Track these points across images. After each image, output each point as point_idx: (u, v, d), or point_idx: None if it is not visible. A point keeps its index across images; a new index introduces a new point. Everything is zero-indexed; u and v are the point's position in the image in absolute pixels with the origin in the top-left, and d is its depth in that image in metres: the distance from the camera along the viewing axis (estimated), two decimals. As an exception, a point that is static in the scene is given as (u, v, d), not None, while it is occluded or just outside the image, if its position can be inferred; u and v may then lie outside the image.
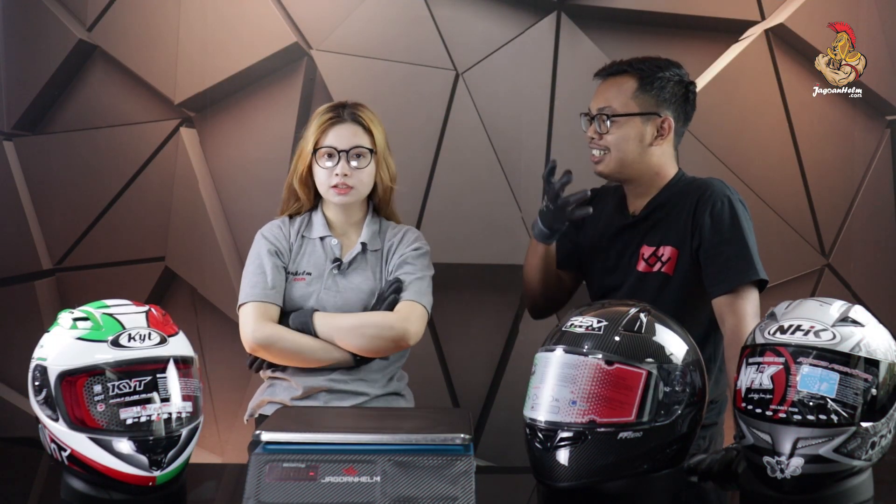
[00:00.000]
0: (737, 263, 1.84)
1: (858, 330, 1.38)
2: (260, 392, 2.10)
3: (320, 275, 2.04)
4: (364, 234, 2.08)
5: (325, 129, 2.04)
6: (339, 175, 2.01)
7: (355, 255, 2.06)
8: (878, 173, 3.22)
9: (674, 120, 1.96)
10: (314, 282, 2.03)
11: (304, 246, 2.08)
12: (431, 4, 3.03)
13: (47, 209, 3.06)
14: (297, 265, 2.06)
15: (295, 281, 2.04)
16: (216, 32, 3.01)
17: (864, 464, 1.36)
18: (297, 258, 2.06)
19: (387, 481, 1.27)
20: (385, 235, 2.11)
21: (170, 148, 3.04)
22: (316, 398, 1.99)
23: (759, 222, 3.13)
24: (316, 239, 2.07)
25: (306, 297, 2.02)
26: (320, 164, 2.02)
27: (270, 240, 2.07)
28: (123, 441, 1.35)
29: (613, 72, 1.97)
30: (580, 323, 1.42)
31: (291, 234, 2.09)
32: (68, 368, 1.36)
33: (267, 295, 2.00)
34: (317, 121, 2.05)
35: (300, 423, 1.46)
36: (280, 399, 2.02)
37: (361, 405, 1.99)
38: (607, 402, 1.34)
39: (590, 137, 1.97)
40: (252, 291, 2.01)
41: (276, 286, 2.01)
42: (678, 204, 1.94)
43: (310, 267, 2.05)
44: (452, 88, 3.05)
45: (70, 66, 3.02)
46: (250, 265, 2.06)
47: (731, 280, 1.83)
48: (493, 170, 3.04)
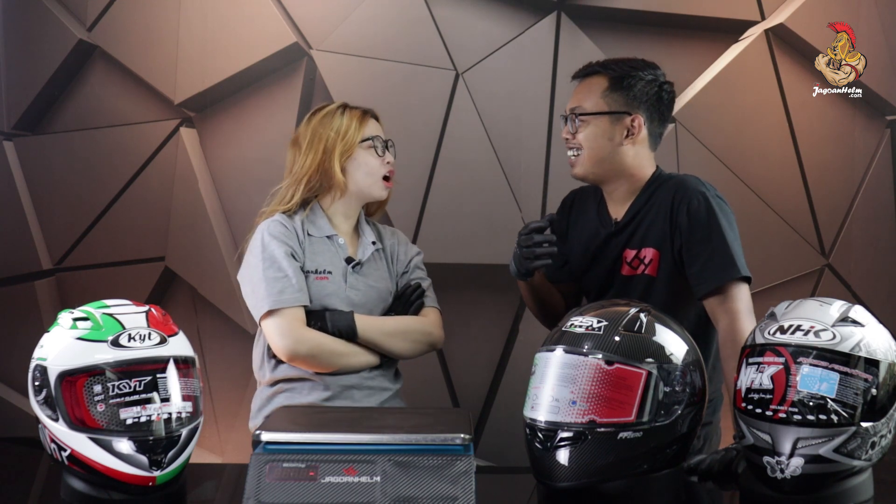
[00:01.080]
0: (719, 261, 1.83)
1: (858, 330, 1.38)
2: (267, 399, 1.99)
3: (340, 273, 2.00)
4: (369, 233, 2.08)
5: (364, 121, 2.04)
6: (390, 164, 2.03)
7: (369, 254, 2.05)
8: (878, 173, 3.22)
9: (646, 120, 1.94)
10: (336, 280, 1.98)
11: (314, 244, 2.01)
12: (431, 4, 3.03)
13: (47, 209, 3.06)
14: (315, 263, 1.98)
15: (317, 279, 1.97)
16: (216, 32, 3.01)
17: (864, 464, 1.36)
18: (311, 256, 1.99)
19: (387, 481, 1.27)
20: (382, 238, 2.11)
21: (170, 148, 3.04)
22: (348, 396, 1.95)
23: (759, 222, 3.17)
24: (323, 238, 2.02)
25: (331, 295, 1.96)
26: (377, 154, 2.01)
27: (282, 239, 1.95)
28: (123, 441, 1.35)
29: (587, 73, 1.99)
30: (580, 323, 1.42)
31: (298, 231, 1.99)
32: (68, 368, 1.36)
33: (297, 298, 1.91)
34: (349, 113, 2.03)
35: (300, 423, 1.46)
36: (306, 402, 1.95)
37: (385, 402, 1.99)
38: (607, 402, 1.34)
39: (565, 139, 1.98)
40: (280, 297, 1.90)
41: (302, 288, 1.93)
42: (656, 205, 1.93)
43: (328, 265, 1.99)
44: (452, 88, 3.05)
45: (70, 66, 3.02)
46: (268, 269, 1.93)
47: (714, 279, 1.82)
48: (493, 170, 3.05)
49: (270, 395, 1.99)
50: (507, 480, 1.73)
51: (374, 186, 2.02)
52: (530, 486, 1.53)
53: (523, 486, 1.64)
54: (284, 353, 1.91)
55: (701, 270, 1.84)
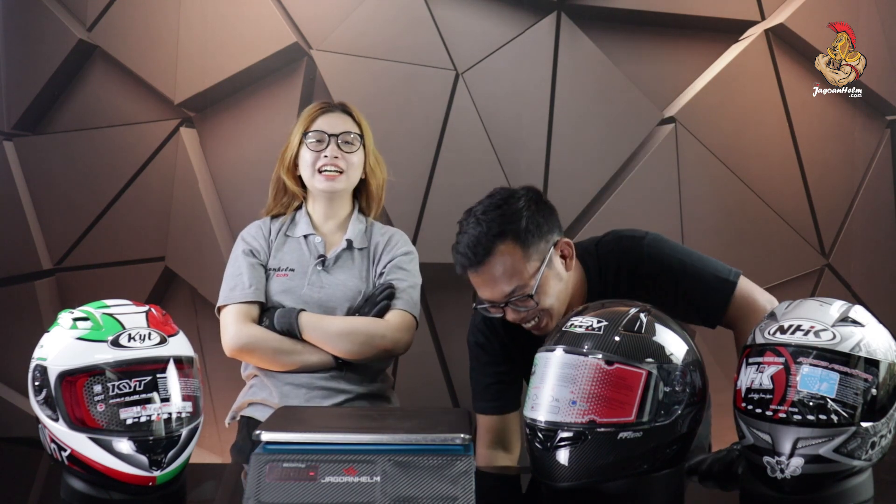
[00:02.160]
0: (712, 286, 1.78)
1: (858, 330, 1.38)
2: (242, 394, 2.07)
3: (304, 271, 2.00)
4: (350, 231, 2.06)
5: (315, 117, 2.05)
6: (328, 157, 1.99)
7: (340, 251, 2.03)
8: (878, 173, 3.22)
9: (558, 234, 1.76)
10: (297, 277, 2.00)
11: (286, 244, 2.05)
12: (431, 4, 3.03)
13: (47, 209, 3.06)
14: (279, 261, 2.02)
15: (277, 276, 2.00)
16: (216, 32, 3.01)
17: (864, 464, 1.36)
18: (277, 254, 2.02)
19: (387, 481, 1.26)
20: (372, 235, 2.09)
21: (170, 148, 3.04)
22: (297, 396, 1.96)
23: (759, 222, 3.17)
24: (299, 237, 2.04)
25: (288, 292, 1.98)
26: (309, 149, 2.01)
27: (247, 239, 2.04)
28: (123, 441, 1.35)
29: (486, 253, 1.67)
30: (580, 323, 1.42)
31: (272, 231, 2.06)
32: (68, 368, 1.36)
33: (246, 295, 1.96)
34: (306, 112, 2.06)
35: (300, 423, 1.46)
36: (261, 399, 1.99)
37: (343, 403, 1.96)
38: (607, 402, 1.34)
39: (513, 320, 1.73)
40: (231, 294, 1.98)
41: (253, 283, 1.97)
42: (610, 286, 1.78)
43: (292, 263, 2.01)
44: (452, 88, 3.05)
45: (70, 66, 3.02)
46: (228, 268, 2.03)
47: (719, 304, 1.78)
48: (493, 170, 3.04)
49: (244, 391, 2.08)
50: (507, 480, 1.73)
51: (313, 180, 2.02)
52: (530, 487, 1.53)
53: (523, 486, 1.64)
54: (225, 347, 1.96)
55: (702, 307, 1.79)
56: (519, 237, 1.68)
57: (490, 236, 1.67)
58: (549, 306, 1.71)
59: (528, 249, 1.69)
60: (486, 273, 1.68)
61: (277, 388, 1.98)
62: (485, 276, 1.69)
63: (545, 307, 1.70)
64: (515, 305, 1.69)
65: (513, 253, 1.67)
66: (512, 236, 1.67)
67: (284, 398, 1.96)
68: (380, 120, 3.04)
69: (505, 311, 1.71)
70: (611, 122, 3.06)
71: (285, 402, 1.95)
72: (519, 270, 1.68)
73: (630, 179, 3.04)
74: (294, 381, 1.97)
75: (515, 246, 1.68)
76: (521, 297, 1.68)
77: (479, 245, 1.67)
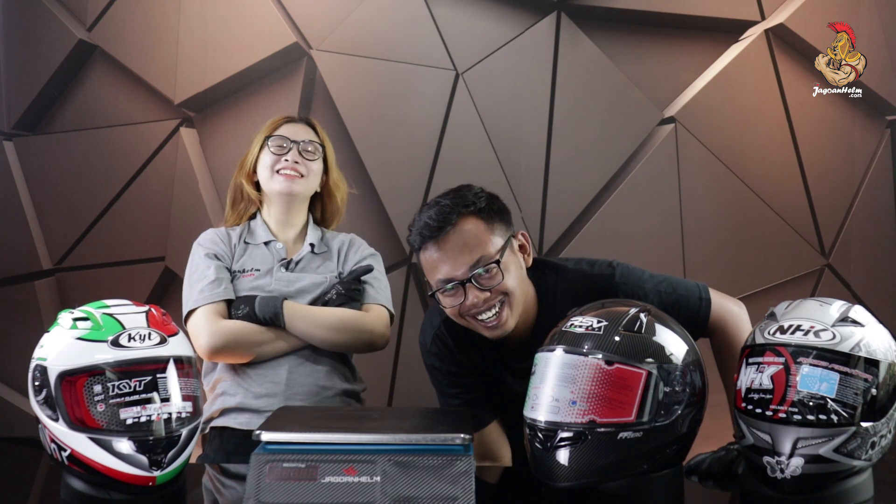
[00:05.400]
0: (692, 304, 1.75)
1: (858, 330, 1.37)
2: (210, 403, 1.98)
3: (269, 270, 1.99)
4: (310, 236, 2.07)
5: (279, 125, 2.07)
6: (288, 161, 2.00)
7: (305, 254, 2.03)
8: (878, 173, 3.23)
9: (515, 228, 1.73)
10: (263, 276, 1.98)
11: (248, 250, 2.03)
12: (431, 4, 3.03)
13: (47, 209, 3.06)
14: (243, 264, 2.00)
15: (243, 277, 1.98)
16: (216, 32, 3.01)
17: (864, 464, 1.36)
18: (240, 259, 2.01)
19: (387, 481, 1.26)
20: (329, 242, 2.09)
21: (170, 148, 3.04)
22: (273, 396, 1.92)
23: (759, 222, 3.17)
24: (260, 244, 2.04)
25: (257, 288, 1.96)
26: (271, 152, 2.01)
27: (206, 245, 2.01)
28: (123, 441, 1.35)
29: (450, 223, 1.63)
30: (580, 323, 1.42)
31: (232, 238, 2.04)
32: (68, 368, 1.36)
33: (216, 294, 1.92)
34: (269, 121, 2.08)
35: (300, 423, 1.46)
36: (236, 404, 1.94)
37: (321, 402, 1.94)
38: (607, 402, 1.34)
39: (472, 305, 1.63)
40: (199, 297, 1.91)
41: (223, 283, 1.93)
42: None
43: (257, 264, 2.00)
44: (452, 88, 3.05)
45: (70, 66, 3.03)
46: (191, 275, 1.97)
47: (702, 320, 1.75)
48: (493, 170, 3.05)
49: (211, 399, 1.98)
50: (507, 480, 1.73)
51: (270, 181, 2.02)
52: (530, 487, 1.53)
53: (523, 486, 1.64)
54: (202, 349, 1.88)
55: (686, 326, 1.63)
56: (482, 213, 1.66)
57: (454, 207, 1.64)
58: (511, 288, 1.64)
59: (491, 224, 1.66)
60: (450, 243, 1.62)
61: (253, 389, 1.93)
62: (447, 246, 1.63)
63: (508, 288, 1.64)
64: (479, 282, 1.62)
65: (476, 224, 1.64)
66: (475, 211, 1.65)
67: (260, 399, 1.92)
68: (380, 120, 3.06)
69: (466, 293, 1.63)
70: (611, 122, 3.06)
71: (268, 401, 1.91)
72: (483, 241, 1.63)
73: (630, 179, 3.04)
74: (274, 380, 1.93)
75: (479, 220, 1.65)
76: (487, 266, 1.62)
77: (443, 215, 1.63)
